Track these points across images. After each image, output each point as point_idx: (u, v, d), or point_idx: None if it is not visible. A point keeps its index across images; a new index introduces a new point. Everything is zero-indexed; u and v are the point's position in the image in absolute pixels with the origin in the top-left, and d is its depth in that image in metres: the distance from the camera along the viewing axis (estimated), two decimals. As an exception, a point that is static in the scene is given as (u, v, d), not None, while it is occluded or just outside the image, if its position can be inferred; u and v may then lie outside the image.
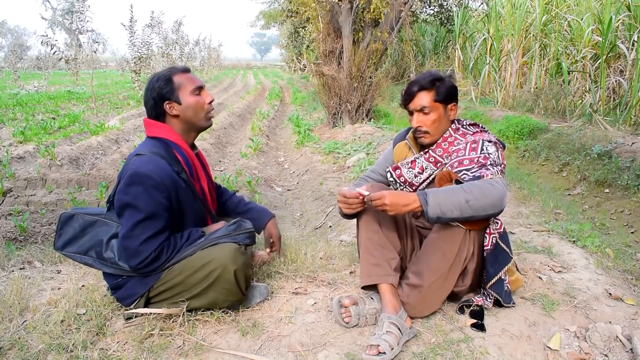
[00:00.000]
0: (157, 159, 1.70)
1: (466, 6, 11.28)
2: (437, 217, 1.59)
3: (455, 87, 1.87)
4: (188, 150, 1.84)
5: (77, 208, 1.88)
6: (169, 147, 1.78)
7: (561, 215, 3.54)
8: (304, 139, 7.26)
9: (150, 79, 1.80)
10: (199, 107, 1.82)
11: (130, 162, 1.71)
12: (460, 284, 1.82)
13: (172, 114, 1.79)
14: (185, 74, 1.83)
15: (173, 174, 1.72)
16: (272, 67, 52.05)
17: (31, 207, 4.32)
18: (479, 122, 1.92)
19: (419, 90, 1.84)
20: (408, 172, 1.94)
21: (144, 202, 1.64)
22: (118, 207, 1.69)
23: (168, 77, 1.78)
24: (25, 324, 1.75)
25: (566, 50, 7.99)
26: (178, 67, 1.86)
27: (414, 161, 1.94)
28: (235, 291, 1.75)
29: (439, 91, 1.82)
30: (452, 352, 1.64)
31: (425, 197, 1.59)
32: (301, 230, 3.98)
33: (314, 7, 7.81)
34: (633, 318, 1.81)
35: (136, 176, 1.64)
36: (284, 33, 25.79)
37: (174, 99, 1.78)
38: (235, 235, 1.77)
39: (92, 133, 7.18)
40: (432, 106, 1.83)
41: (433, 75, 1.85)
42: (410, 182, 1.95)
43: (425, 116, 1.85)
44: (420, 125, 1.86)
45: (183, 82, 1.79)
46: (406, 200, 1.61)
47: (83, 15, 10.14)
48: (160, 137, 1.78)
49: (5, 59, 22.87)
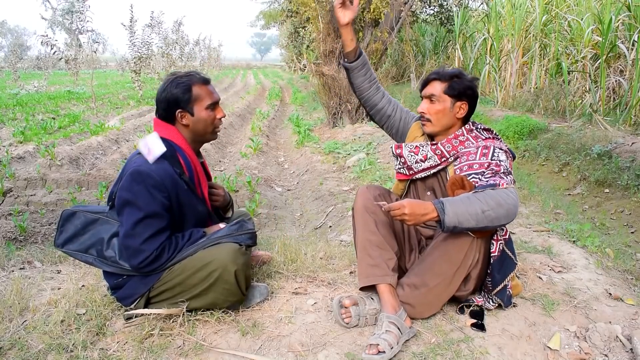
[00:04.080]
0: (160, 159, 1.70)
1: (466, 6, 11.26)
2: (454, 226, 1.58)
3: (471, 88, 1.86)
4: (192, 155, 1.83)
5: (78, 206, 1.88)
6: (173, 149, 1.76)
7: (561, 215, 3.54)
8: (304, 139, 7.26)
9: (170, 80, 1.76)
10: (210, 123, 1.81)
11: (132, 160, 1.71)
12: (463, 288, 1.82)
13: (183, 122, 1.78)
14: (205, 86, 1.80)
15: (174, 175, 1.72)
16: (272, 67, 52.03)
17: (31, 207, 4.32)
18: (492, 129, 1.91)
19: (434, 79, 1.88)
20: (409, 155, 1.93)
21: (144, 200, 1.64)
22: (118, 205, 1.68)
23: (188, 86, 1.74)
24: (25, 324, 1.75)
25: (566, 50, 7.98)
26: (199, 75, 1.81)
27: (417, 147, 1.92)
28: (235, 291, 1.74)
29: (452, 85, 1.84)
30: (452, 352, 1.64)
31: (443, 207, 1.58)
32: (301, 230, 3.98)
33: (314, 7, 7.81)
34: (633, 318, 1.82)
35: (137, 174, 1.64)
36: (284, 33, 25.80)
37: (187, 109, 1.76)
38: (237, 235, 1.77)
39: (92, 133, 7.18)
40: (440, 97, 1.85)
41: (455, 71, 1.88)
42: (409, 166, 1.94)
43: (431, 104, 1.87)
44: (424, 112, 1.88)
45: (201, 95, 1.77)
46: (424, 210, 1.59)
47: (83, 15, 10.15)
48: (166, 138, 1.77)
49: (5, 59, 22.87)
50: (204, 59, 27.71)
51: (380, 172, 4.72)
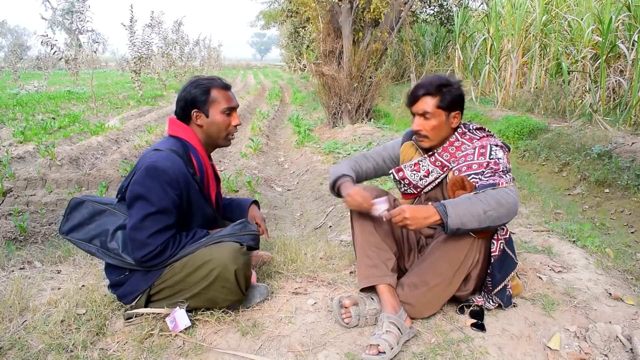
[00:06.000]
0: (175, 157, 1.71)
1: (466, 6, 11.27)
2: (457, 228, 1.58)
3: (461, 95, 1.84)
4: (204, 157, 1.86)
5: (87, 195, 1.88)
6: (187, 149, 1.80)
7: (561, 215, 3.54)
8: (304, 139, 7.26)
9: (191, 81, 1.82)
10: (223, 127, 1.85)
11: (148, 156, 1.72)
12: (463, 288, 1.82)
13: (197, 123, 1.82)
14: (224, 91, 1.85)
15: (187, 174, 1.74)
16: (272, 67, 52.03)
17: (31, 207, 4.32)
18: (485, 126, 1.91)
19: (423, 95, 1.81)
20: (412, 174, 1.93)
21: (157, 196, 1.65)
22: (130, 198, 1.69)
23: (207, 88, 1.80)
24: (25, 324, 1.75)
25: (566, 50, 7.99)
26: (221, 80, 1.86)
27: (417, 164, 1.92)
28: (235, 291, 1.75)
29: (444, 98, 1.80)
30: (452, 352, 1.64)
31: (445, 209, 1.58)
32: (301, 230, 3.98)
33: (314, 7, 7.81)
34: (633, 318, 1.82)
35: (153, 170, 1.66)
36: (284, 33, 25.80)
37: (203, 110, 1.81)
38: (240, 235, 1.78)
39: (92, 133, 7.18)
40: (434, 112, 1.81)
41: (441, 80, 1.82)
42: (415, 185, 1.95)
43: (426, 121, 1.83)
44: (420, 130, 1.86)
45: (218, 99, 1.82)
46: (426, 213, 1.59)
47: (83, 15, 10.13)
48: (181, 137, 1.81)
49: (5, 59, 22.86)
50: (204, 59, 27.66)
51: (380, 172, 4.71)
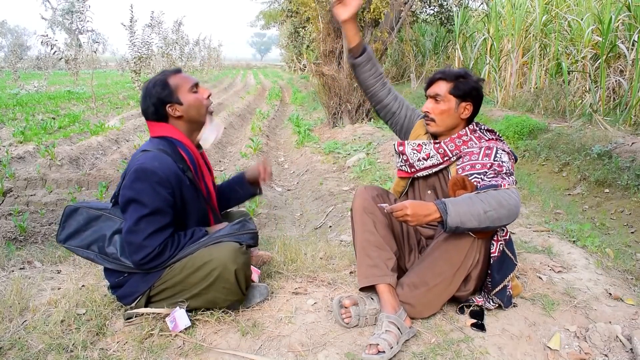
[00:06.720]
0: (163, 156, 1.71)
1: (466, 6, 11.26)
2: (456, 227, 1.58)
3: (476, 89, 1.86)
4: (193, 148, 1.85)
5: (82, 202, 1.89)
6: (174, 145, 1.79)
7: (561, 215, 3.54)
8: (304, 139, 7.26)
9: (146, 87, 1.80)
10: (200, 104, 1.83)
11: (136, 158, 1.71)
12: (463, 289, 1.82)
13: (176, 115, 1.80)
14: (179, 75, 1.84)
15: (178, 172, 1.73)
16: (272, 67, 52.01)
17: (31, 207, 4.32)
18: (495, 130, 1.91)
19: (440, 79, 1.87)
20: (412, 152, 1.93)
21: (149, 197, 1.64)
22: (123, 203, 1.69)
23: (164, 81, 1.79)
24: (25, 324, 1.75)
25: (566, 50, 7.98)
26: (169, 69, 1.87)
27: (420, 145, 1.92)
28: (235, 291, 1.75)
29: (458, 86, 1.84)
30: (452, 352, 1.64)
31: (445, 207, 1.58)
32: (301, 230, 3.98)
33: (314, 7, 7.81)
34: (633, 318, 1.82)
35: (141, 172, 1.65)
36: (284, 33, 25.81)
37: (174, 100, 1.78)
38: (239, 234, 1.78)
39: (92, 133, 7.18)
40: (445, 97, 1.85)
41: (461, 71, 1.88)
42: (411, 163, 1.95)
43: (436, 104, 1.87)
44: (428, 112, 1.88)
45: (179, 83, 1.80)
46: (427, 211, 1.59)
47: (83, 15, 10.14)
48: (165, 135, 1.79)
49: (5, 59, 22.87)
50: (204, 59, 27.70)
51: (380, 172, 4.72)
